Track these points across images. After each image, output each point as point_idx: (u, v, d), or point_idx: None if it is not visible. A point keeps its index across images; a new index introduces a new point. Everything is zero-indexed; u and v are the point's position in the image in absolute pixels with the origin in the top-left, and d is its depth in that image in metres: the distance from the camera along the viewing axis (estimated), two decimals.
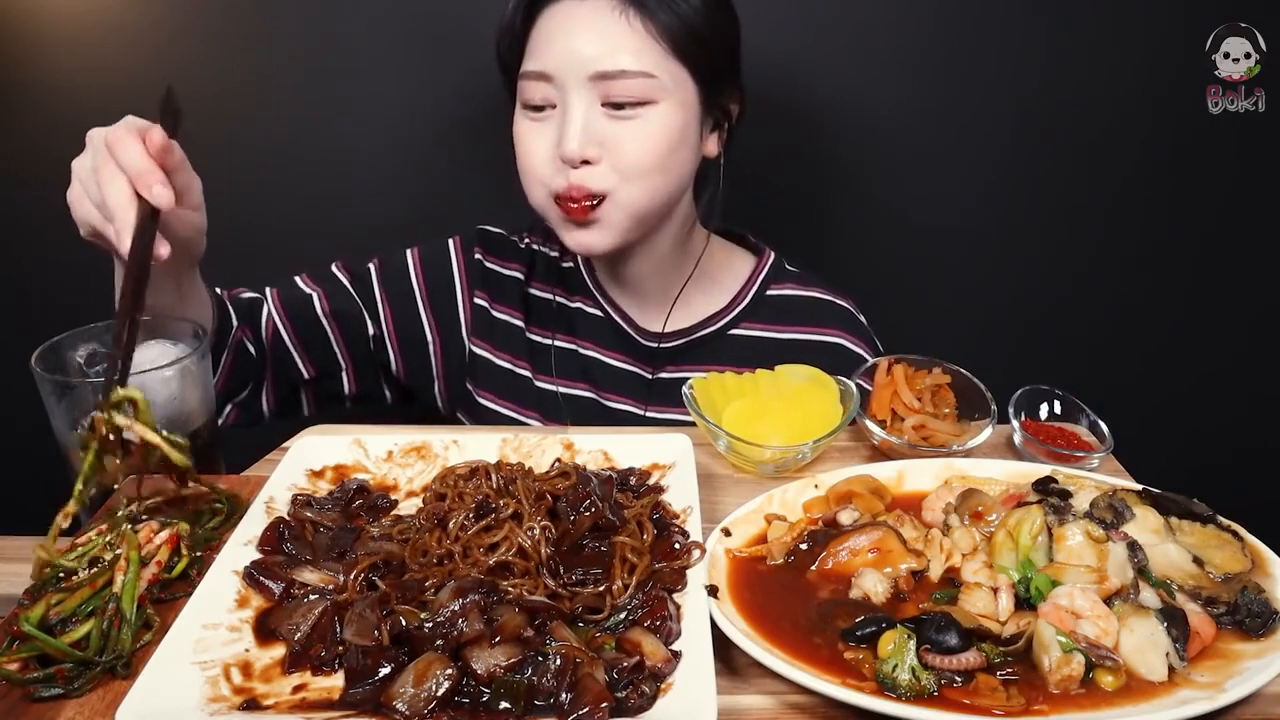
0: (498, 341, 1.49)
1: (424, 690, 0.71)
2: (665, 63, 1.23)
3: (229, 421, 1.37)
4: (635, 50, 1.21)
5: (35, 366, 1.00)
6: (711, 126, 1.34)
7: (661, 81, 1.22)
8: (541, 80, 1.24)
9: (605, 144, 1.23)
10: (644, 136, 1.23)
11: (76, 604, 0.78)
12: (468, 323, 1.49)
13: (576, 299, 1.48)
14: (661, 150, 1.25)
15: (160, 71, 1.73)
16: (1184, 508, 0.90)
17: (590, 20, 1.21)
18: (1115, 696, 0.73)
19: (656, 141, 1.24)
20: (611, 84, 1.21)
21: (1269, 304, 1.92)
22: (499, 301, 1.49)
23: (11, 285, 1.88)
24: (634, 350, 1.46)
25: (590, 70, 1.21)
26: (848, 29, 1.73)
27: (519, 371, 1.48)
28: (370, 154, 1.80)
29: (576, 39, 1.21)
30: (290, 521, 0.93)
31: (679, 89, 1.25)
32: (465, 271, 1.49)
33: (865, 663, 0.76)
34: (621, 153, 1.23)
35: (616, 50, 1.20)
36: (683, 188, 1.34)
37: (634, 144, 1.23)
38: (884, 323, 1.52)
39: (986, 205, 1.85)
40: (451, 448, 1.08)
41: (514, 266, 1.50)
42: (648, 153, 1.24)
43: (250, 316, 1.38)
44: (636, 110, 1.23)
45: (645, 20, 1.21)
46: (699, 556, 0.87)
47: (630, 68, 1.20)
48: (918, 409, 1.15)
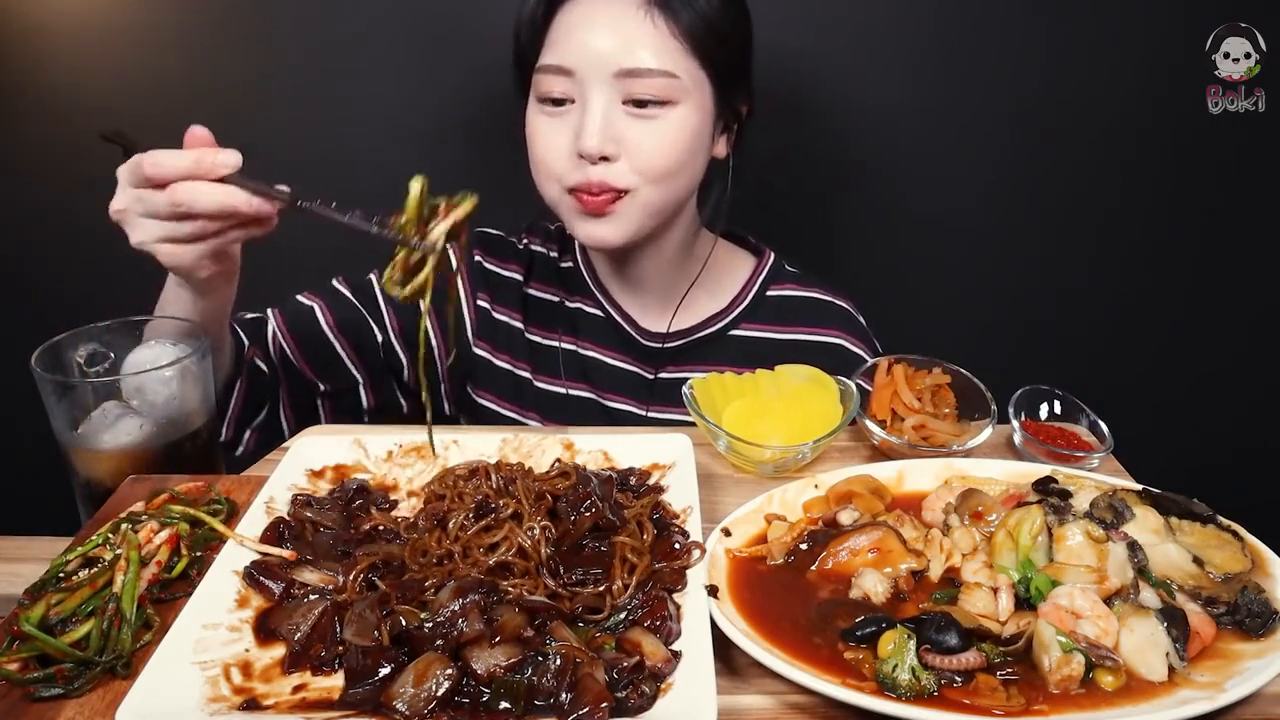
0: (498, 342, 1.49)
1: (424, 690, 0.71)
2: (686, 62, 1.22)
3: (249, 449, 1.34)
4: (659, 49, 1.20)
5: (35, 366, 1.00)
6: (722, 128, 1.33)
7: (683, 82, 1.22)
8: (561, 74, 1.23)
9: (624, 142, 1.23)
10: (664, 137, 1.23)
11: (76, 604, 0.78)
12: (473, 324, 1.48)
13: (576, 299, 1.48)
14: (681, 152, 1.25)
15: (160, 71, 1.74)
16: (1184, 508, 0.90)
17: (614, 17, 1.21)
18: (1115, 696, 0.73)
19: (676, 143, 1.24)
20: (634, 82, 1.21)
21: (1269, 304, 1.92)
22: (499, 303, 1.49)
23: (11, 285, 1.89)
24: (635, 350, 1.46)
25: (613, 67, 1.20)
26: (849, 29, 1.73)
27: (519, 372, 1.48)
28: (371, 154, 1.80)
29: (599, 35, 1.21)
30: (290, 521, 0.93)
31: (698, 90, 1.24)
32: (467, 273, 1.48)
33: (865, 663, 0.76)
34: (640, 153, 1.23)
35: (640, 48, 1.20)
36: (694, 189, 1.34)
37: (653, 145, 1.23)
38: (884, 323, 1.52)
39: (987, 205, 1.85)
40: (451, 448, 1.08)
41: (513, 267, 1.50)
42: (667, 154, 1.24)
43: (258, 337, 1.37)
44: (657, 110, 1.22)
45: (669, 19, 1.21)
46: (699, 556, 0.87)
47: (654, 66, 1.20)
48: (918, 409, 1.15)
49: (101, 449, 1.02)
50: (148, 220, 0.99)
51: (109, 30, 1.71)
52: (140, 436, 1.03)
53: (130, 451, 1.03)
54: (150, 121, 1.75)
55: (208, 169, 0.96)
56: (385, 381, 1.47)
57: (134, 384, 1.04)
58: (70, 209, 1.82)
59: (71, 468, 1.05)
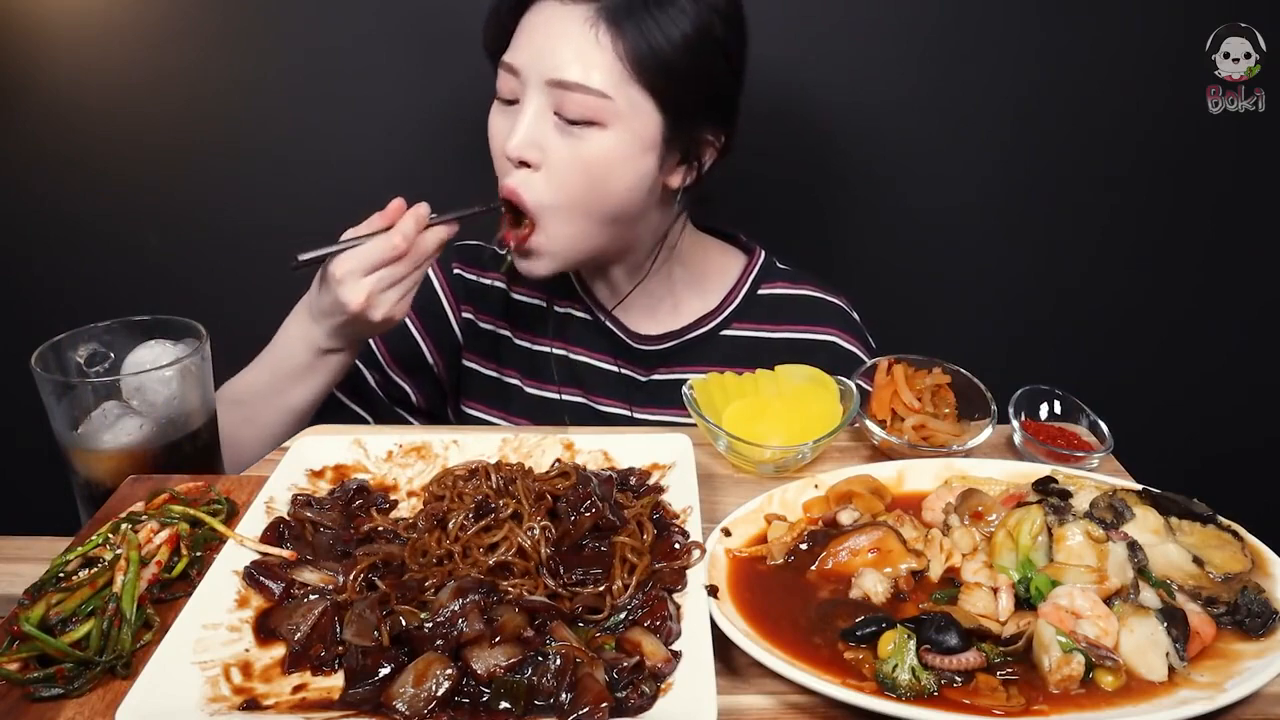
0: (485, 352, 1.48)
1: (424, 690, 0.71)
2: (625, 87, 1.18)
3: None
4: (595, 66, 1.17)
5: (35, 366, 1.00)
6: (680, 159, 1.28)
7: (615, 105, 1.18)
8: (510, 73, 1.23)
9: (547, 152, 1.21)
10: (583, 158, 1.20)
11: (76, 604, 0.78)
12: (463, 337, 1.48)
13: (565, 304, 1.47)
14: (597, 177, 1.22)
15: (160, 71, 1.74)
16: (1184, 508, 0.90)
17: (562, 26, 1.19)
18: (1115, 696, 0.73)
19: (590, 165, 1.21)
20: (565, 94, 1.18)
21: (1269, 303, 1.92)
22: (484, 312, 1.48)
23: (11, 285, 1.88)
24: (624, 353, 1.45)
25: (548, 75, 1.19)
26: (849, 29, 1.73)
27: (506, 380, 1.47)
28: (370, 155, 1.80)
29: (545, 41, 1.20)
30: (290, 521, 0.93)
31: (635, 116, 1.20)
32: (449, 288, 1.48)
33: (865, 663, 0.76)
34: (556, 168, 1.21)
35: (577, 62, 1.17)
36: (630, 214, 1.28)
37: (569, 162, 1.21)
38: (884, 322, 1.52)
39: (987, 205, 1.85)
40: (451, 448, 1.08)
41: (493, 275, 1.49)
42: (578, 173, 1.21)
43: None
44: (582, 129, 1.20)
45: (615, 39, 1.17)
46: (699, 556, 0.87)
47: (584, 83, 1.17)
48: (918, 409, 1.15)
49: (101, 449, 1.02)
50: (390, 291, 1.17)
51: (109, 30, 1.71)
52: (140, 436, 1.03)
53: (130, 451, 1.03)
54: (150, 121, 1.77)
55: (422, 221, 1.18)
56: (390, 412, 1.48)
57: (134, 384, 1.04)
58: (70, 209, 1.82)
59: (71, 468, 1.05)
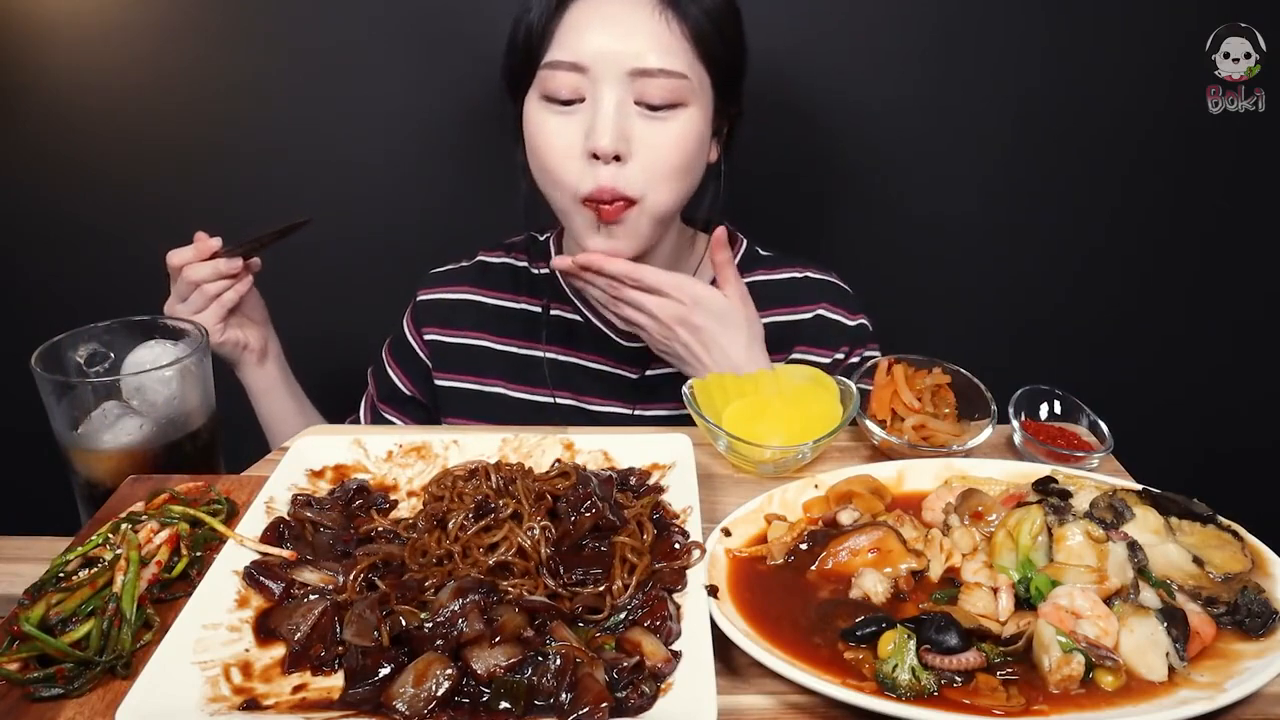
0: (458, 366, 1.47)
1: (424, 690, 0.71)
2: (694, 64, 1.23)
3: None
4: (671, 50, 1.20)
5: (35, 366, 1.00)
6: (713, 132, 1.33)
7: (691, 83, 1.22)
8: (573, 71, 1.21)
9: (634, 142, 1.22)
10: (675, 139, 1.23)
11: (76, 604, 0.78)
12: (430, 360, 1.48)
13: (554, 306, 1.46)
14: (688, 154, 1.25)
15: (160, 71, 1.74)
16: (1184, 508, 0.90)
17: (628, 15, 1.20)
18: (1115, 696, 0.73)
19: (685, 145, 1.24)
20: (647, 82, 1.20)
21: (1269, 304, 1.92)
22: (453, 326, 1.48)
23: (11, 285, 1.89)
24: (615, 352, 1.44)
25: (626, 66, 1.19)
26: (849, 27, 1.73)
27: (488, 390, 1.46)
28: (370, 155, 1.80)
29: (614, 33, 1.20)
30: (290, 521, 0.93)
31: (703, 92, 1.25)
32: (414, 322, 1.50)
33: (865, 663, 0.76)
34: (651, 154, 1.22)
35: (654, 49, 1.20)
36: (692, 194, 1.33)
37: (665, 146, 1.22)
38: (884, 322, 1.52)
39: (987, 204, 1.85)
40: (451, 448, 1.08)
41: (459, 289, 1.49)
42: (677, 155, 1.24)
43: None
44: (668, 112, 1.22)
45: (680, 20, 1.21)
46: (699, 556, 0.87)
47: (667, 67, 1.20)
48: (918, 409, 1.15)
49: (101, 449, 1.03)
50: (180, 305, 1.32)
51: (109, 30, 1.71)
52: (140, 436, 1.03)
53: (130, 451, 1.03)
54: (151, 121, 1.77)
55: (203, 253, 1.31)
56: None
57: (134, 384, 1.04)
58: (70, 209, 1.82)
59: (71, 468, 1.05)
